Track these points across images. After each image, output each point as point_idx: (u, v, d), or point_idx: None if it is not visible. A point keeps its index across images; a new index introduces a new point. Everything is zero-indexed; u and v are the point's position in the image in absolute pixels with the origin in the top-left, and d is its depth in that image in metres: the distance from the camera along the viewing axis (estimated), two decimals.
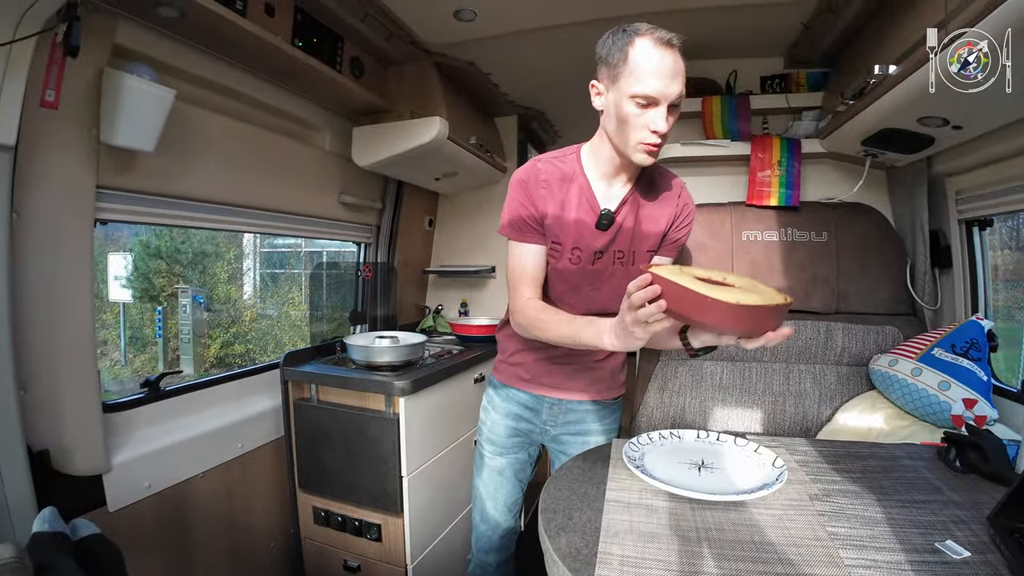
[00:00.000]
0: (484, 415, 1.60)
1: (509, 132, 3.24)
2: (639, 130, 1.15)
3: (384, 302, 2.94)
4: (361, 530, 2.06)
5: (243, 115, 2.04)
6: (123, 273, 4.10)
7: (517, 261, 1.35)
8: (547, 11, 1.95)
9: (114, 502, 1.62)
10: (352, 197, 2.60)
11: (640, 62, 1.11)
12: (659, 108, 1.12)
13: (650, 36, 1.11)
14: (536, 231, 1.32)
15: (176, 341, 4.40)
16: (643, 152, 1.18)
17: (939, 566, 0.79)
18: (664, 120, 1.12)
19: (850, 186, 2.11)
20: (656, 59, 1.10)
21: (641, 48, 1.11)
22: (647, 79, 1.10)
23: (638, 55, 1.11)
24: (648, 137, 1.15)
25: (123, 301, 4.21)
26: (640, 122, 1.14)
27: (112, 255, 3.85)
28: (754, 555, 0.81)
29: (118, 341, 4.24)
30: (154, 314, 4.45)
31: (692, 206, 1.38)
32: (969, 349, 1.63)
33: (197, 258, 4.80)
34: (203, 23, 1.60)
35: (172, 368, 4.39)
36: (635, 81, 1.11)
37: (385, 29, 2.07)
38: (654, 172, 1.36)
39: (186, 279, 4.60)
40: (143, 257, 4.34)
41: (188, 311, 4.37)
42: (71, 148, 1.47)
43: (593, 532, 0.88)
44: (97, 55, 1.48)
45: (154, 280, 4.46)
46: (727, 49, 2.32)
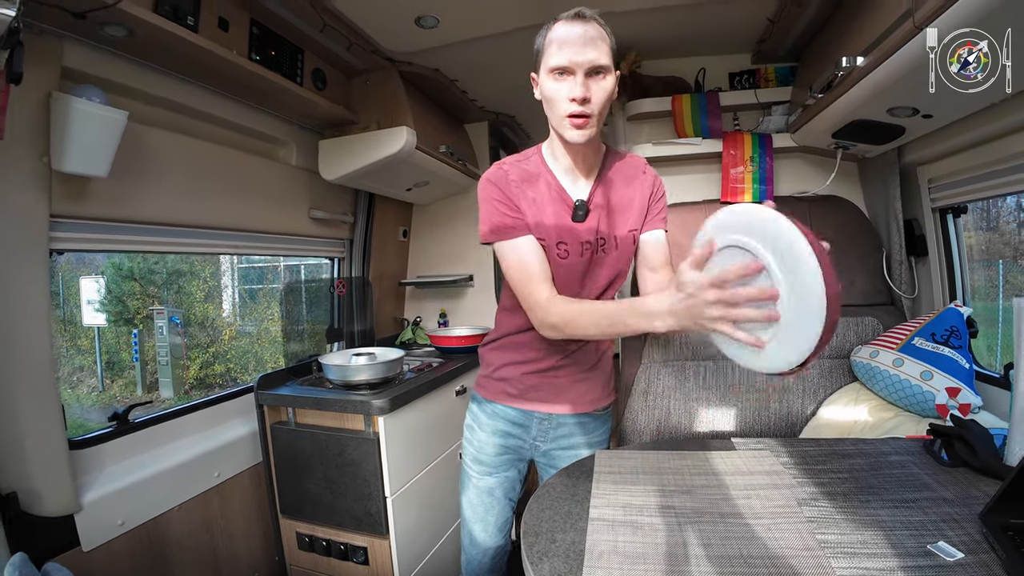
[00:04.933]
0: (469, 433, 1.54)
1: (480, 138, 3.21)
2: (561, 103, 1.17)
3: (361, 317, 2.88)
4: (347, 554, 2.00)
5: (203, 133, 1.98)
6: (96, 297, 4.00)
7: (515, 259, 1.27)
8: (510, 15, 1.93)
9: (88, 542, 1.57)
10: (322, 212, 2.55)
11: (552, 40, 1.17)
12: (575, 77, 1.15)
13: (564, 16, 1.18)
14: (521, 222, 1.27)
15: (154, 364, 4.30)
16: (571, 127, 1.18)
17: (933, 571, 0.77)
18: (580, 87, 1.14)
19: (823, 179, 2.12)
20: (564, 32, 1.16)
21: (555, 28, 1.18)
22: (558, 52, 1.15)
23: (552, 34, 1.18)
24: (570, 107, 1.16)
25: (98, 325, 4.11)
26: (560, 95, 1.17)
27: (84, 279, 3.76)
28: (744, 571, 0.78)
29: (95, 367, 4.14)
30: (130, 337, 4.34)
31: (658, 177, 1.39)
32: (949, 337, 1.63)
33: (172, 278, 4.70)
34: (153, 41, 1.55)
35: (151, 392, 4.29)
36: (549, 56, 1.17)
37: (345, 39, 2.02)
38: (614, 157, 1.37)
39: (161, 300, 4.50)
40: (116, 280, 4.24)
41: (165, 332, 4.28)
42: (21, 177, 1.42)
43: (577, 555, 0.84)
44: (44, 79, 1.43)
45: (128, 303, 4.36)
46: (695, 47, 2.32)
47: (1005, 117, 1.46)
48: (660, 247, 1.37)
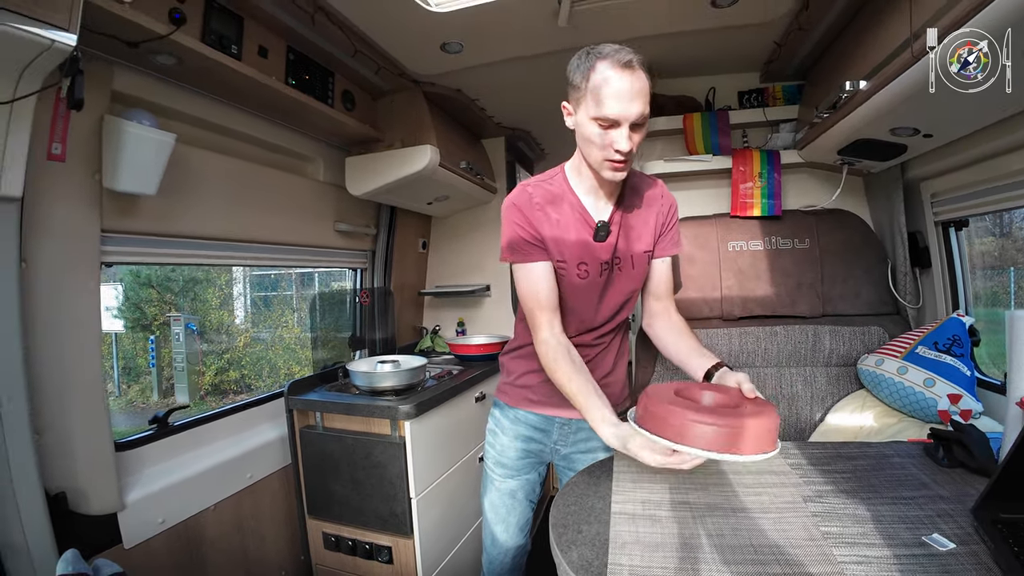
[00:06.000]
0: (492, 438, 1.60)
1: (497, 153, 3.31)
2: (603, 149, 1.19)
3: (382, 325, 2.98)
4: (372, 553, 2.08)
5: (239, 152, 2.09)
6: (114, 303, 4.09)
7: (527, 285, 1.35)
8: (529, 42, 2.03)
9: (129, 539, 1.65)
10: (347, 225, 2.66)
11: (599, 85, 1.14)
12: (620, 129, 1.15)
13: (610, 59, 1.14)
14: (539, 248, 1.33)
15: (170, 370, 4.39)
16: (610, 169, 1.22)
17: (926, 558, 0.84)
18: (626, 140, 1.15)
19: (829, 193, 2.19)
20: (615, 82, 1.13)
21: (601, 71, 1.14)
22: (606, 102, 1.13)
23: (598, 78, 1.14)
24: (612, 155, 1.18)
25: (115, 332, 4.19)
26: (603, 142, 1.18)
27: (103, 286, 3.86)
28: (752, 558, 0.86)
29: (111, 372, 4.22)
30: (147, 344, 4.43)
31: (675, 203, 1.45)
32: (952, 345, 1.69)
33: (188, 285, 4.79)
34: (200, 68, 1.65)
35: (167, 397, 4.38)
36: (595, 104, 1.15)
37: (375, 63, 2.14)
38: (637, 179, 1.42)
39: (178, 307, 4.59)
40: (133, 287, 4.33)
41: (181, 339, 4.36)
42: (76, 196, 1.51)
43: (602, 544, 0.93)
44: (96, 102, 1.52)
45: (146, 309, 4.45)
46: (705, 67, 2.41)
47: (1005, 136, 1.52)
48: (664, 278, 1.47)
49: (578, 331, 1.44)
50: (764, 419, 0.99)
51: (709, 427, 0.96)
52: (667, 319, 1.47)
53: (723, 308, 2.19)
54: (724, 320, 2.18)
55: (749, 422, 0.97)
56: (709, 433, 0.96)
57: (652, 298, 1.50)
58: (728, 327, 2.10)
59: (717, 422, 0.96)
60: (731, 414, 1.00)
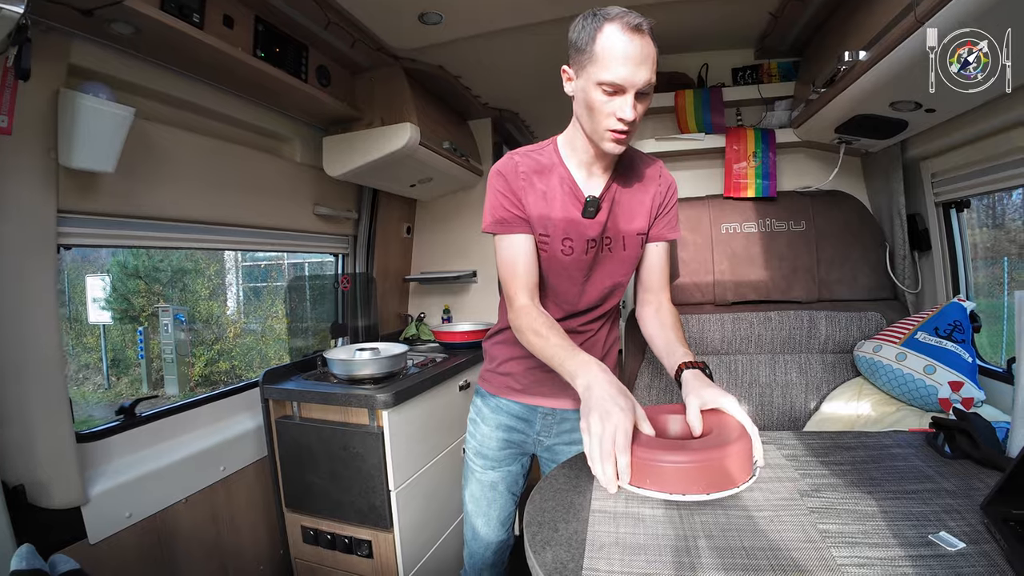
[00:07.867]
0: (473, 427, 1.54)
1: (484, 135, 3.22)
2: (606, 117, 1.13)
3: (364, 313, 2.90)
4: (351, 547, 2.02)
5: (208, 130, 2.00)
6: (102, 295, 4.02)
7: (506, 255, 1.29)
8: (514, 11, 1.93)
9: (94, 534, 1.59)
10: (326, 208, 2.57)
11: (607, 48, 1.08)
12: (626, 96, 1.10)
13: (619, 21, 1.07)
14: (521, 220, 1.27)
15: (160, 361, 4.32)
16: (611, 140, 1.16)
17: (934, 560, 0.77)
18: (631, 108, 1.10)
19: (826, 174, 2.11)
20: (623, 45, 1.07)
21: (609, 34, 1.08)
22: (613, 67, 1.07)
23: (605, 41, 1.08)
24: (615, 124, 1.12)
25: (103, 323, 4.13)
26: (607, 109, 1.12)
27: (90, 277, 3.78)
28: (745, 562, 0.78)
29: (100, 364, 4.16)
30: (135, 335, 4.36)
31: (674, 184, 1.38)
32: (952, 331, 1.63)
33: (176, 276, 4.72)
34: (159, 38, 1.56)
35: (157, 389, 4.32)
36: (602, 68, 1.08)
37: (349, 36, 2.03)
38: (634, 155, 1.35)
39: (166, 298, 4.52)
40: (121, 278, 4.26)
41: (170, 330, 4.30)
42: (29, 173, 1.43)
43: (579, 545, 0.85)
44: (52, 76, 1.45)
45: (134, 300, 4.38)
46: (698, 42, 2.32)
47: (1008, 112, 1.45)
48: (658, 268, 1.40)
49: (563, 316, 1.37)
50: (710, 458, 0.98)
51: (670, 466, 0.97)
52: (655, 310, 1.40)
53: (715, 293, 2.11)
54: (716, 305, 2.10)
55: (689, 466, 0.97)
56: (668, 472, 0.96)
57: (642, 289, 1.43)
58: (720, 312, 2.03)
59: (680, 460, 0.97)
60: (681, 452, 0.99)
